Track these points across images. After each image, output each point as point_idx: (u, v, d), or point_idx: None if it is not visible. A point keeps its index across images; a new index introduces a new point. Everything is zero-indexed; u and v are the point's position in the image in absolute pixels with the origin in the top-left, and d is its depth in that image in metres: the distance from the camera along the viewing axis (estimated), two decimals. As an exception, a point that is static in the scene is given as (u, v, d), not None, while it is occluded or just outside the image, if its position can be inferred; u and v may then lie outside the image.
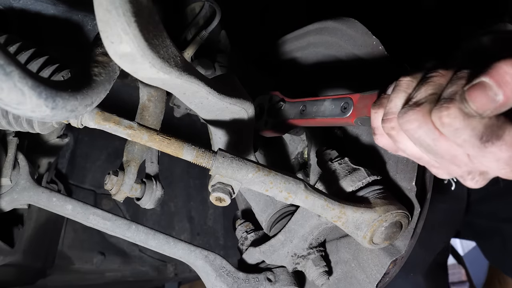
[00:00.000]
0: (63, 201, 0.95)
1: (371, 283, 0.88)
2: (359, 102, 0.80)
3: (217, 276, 0.91)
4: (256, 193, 1.05)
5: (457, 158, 0.55)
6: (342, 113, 0.84)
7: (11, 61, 0.47)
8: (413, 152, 0.62)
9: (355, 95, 0.82)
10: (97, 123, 0.72)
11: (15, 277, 1.72)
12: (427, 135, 0.55)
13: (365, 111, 0.77)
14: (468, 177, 0.58)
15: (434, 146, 0.55)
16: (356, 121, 0.80)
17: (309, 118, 0.95)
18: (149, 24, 0.59)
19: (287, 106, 1.05)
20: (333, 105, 0.87)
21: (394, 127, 0.61)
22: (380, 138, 0.68)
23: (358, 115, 0.79)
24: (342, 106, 0.84)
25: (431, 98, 0.55)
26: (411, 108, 0.56)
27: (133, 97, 2.05)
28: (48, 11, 1.03)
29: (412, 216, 0.85)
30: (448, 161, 0.57)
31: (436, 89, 0.56)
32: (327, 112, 0.89)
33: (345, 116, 0.83)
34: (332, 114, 0.87)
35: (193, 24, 1.31)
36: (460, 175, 0.59)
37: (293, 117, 1.02)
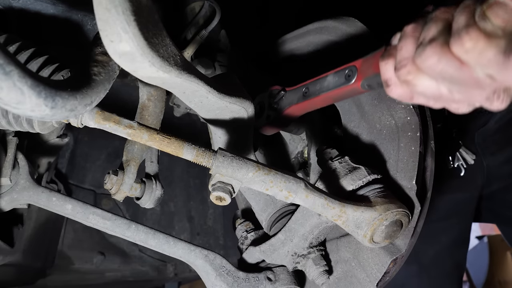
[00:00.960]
0: (63, 201, 0.95)
1: (372, 282, 0.88)
2: (362, 65, 0.78)
3: (217, 276, 0.91)
4: (256, 193, 1.05)
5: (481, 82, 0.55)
6: (347, 81, 0.81)
7: (11, 60, 0.47)
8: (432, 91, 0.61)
9: (357, 61, 0.79)
10: (97, 123, 0.71)
11: (15, 277, 1.72)
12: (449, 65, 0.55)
13: (371, 70, 0.75)
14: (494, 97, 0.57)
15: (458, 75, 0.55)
16: (363, 84, 0.78)
17: (313, 98, 0.92)
18: (148, 23, 0.59)
19: (288, 94, 1.03)
20: (337, 77, 0.84)
21: (410, 71, 0.61)
22: (394, 88, 0.67)
23: (364, 76, 0.77)
24: (346, 75, 0.81)
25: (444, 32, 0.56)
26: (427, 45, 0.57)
27: (133, 97, 2.04)
28: (48, 10, 1.03)
29: (413, 214, 0.85)
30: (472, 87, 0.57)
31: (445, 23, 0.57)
32: (331, 85, 0.86)
33: (350, 83, 0.80)
34: (337, 85, 0.84)
35: (193, 24, 1.31)
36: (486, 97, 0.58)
37: (296, 101, 0.99)
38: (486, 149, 1.72)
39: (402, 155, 0.88)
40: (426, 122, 0.94)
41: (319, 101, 0.92)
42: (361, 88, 0.79)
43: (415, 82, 0.61)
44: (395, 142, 0.91)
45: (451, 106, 0.63)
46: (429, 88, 0.61)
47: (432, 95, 0.62)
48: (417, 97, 0.65)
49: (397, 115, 0.90)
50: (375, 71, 0.73)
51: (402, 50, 0.62)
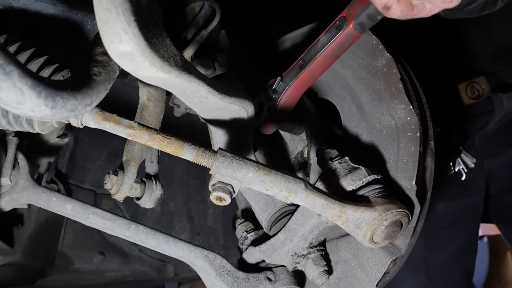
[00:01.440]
0: (63, 201, 0.95)
1: (371, 282, 0.88)
2: (349, 10, 0.80)
3: (217, 276, 0.91)
4: (256, 193, 1.05)
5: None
6: (338, 30, 0.82)
7: (11, 60, 0.47)
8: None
9: (343, 11, 0.81)
10: (97, 123, 0.71)
11: (15, 277, 1.72)
12: None
13: (358, 7, 0.77)
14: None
15: None
16: (355, 25, 0.79)
17: (310, 64, 0.92)
18: (148, 23, 0.59)
19: (284, 78, 1.03)
20: (328, 34, 0.86)
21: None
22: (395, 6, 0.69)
23: (354, 15, 0.78)
24: (336, 26, 0.83)
25: None
26: None
27: (133, 97, 2.04)
28: (48, 10, 1.03)
29: (412, 215, 0.85)
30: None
31: None
32: (325, 43, 0.87)
33: (343, 29, 0.81)
34: (330, 38, 0.85)
35: (193, 24, 1.31)
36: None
37: (294, 77, 0.98)
38: (486, 151, 1.72)
39: (402, 155, 0.88)
40: (426, 123, 0.94)
41: (317, 66, 0.92)
42: (355, 31, 0.80)
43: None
44: (395, 142, 0.91)
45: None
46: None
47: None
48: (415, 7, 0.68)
49: (397, 116, 0.90)
50: (362, 5, 0.75)
51: None
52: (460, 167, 1.70)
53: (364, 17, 0.77)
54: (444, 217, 1.73)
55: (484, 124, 1.69)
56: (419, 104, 0.94)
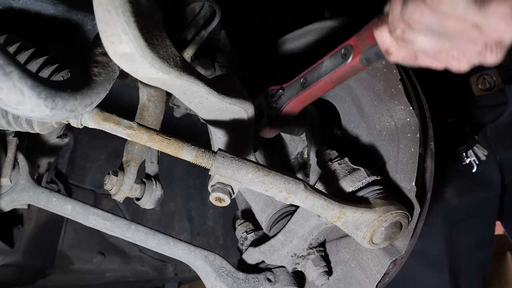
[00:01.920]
0: (63, 201, 0.95)
1: (371, 283, 0.88)
2: (357, 41, 0.77)
3: (217, 276, 0.91)
4: (256, 193, 1.05)
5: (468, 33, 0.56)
6: (344, 59, 0.80)
7: (11, 61, 0.47)
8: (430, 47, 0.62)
9: (351, 39, 0.79)
10: (96, 123, 0.71)
11: (15, 277, 1.72)
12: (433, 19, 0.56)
13: (366, 43, 0.74)
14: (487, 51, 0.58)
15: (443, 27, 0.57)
16: (361, 59, 0.77)
17: (312, 86, 0.91)
18: (148, 24, 0.59)
19: (286, 91, 1.02)
20: (333, 59, 0.84)
21: (404, 29, 0.62)
22: (396, 52, 0.67)
23: (361, 50, 0.76)
24: (342, 54, 0.81)
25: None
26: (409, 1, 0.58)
27: (133, 97, 2.04)
28: (48, 11, 1.03)
29: (412, 216, 0.85)
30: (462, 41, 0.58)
31: None
32: (329, 69, 0.85)
33: (348, 61, 0.79)
34: (335, 66, 0.83)
35: (193, 24, 1.31)
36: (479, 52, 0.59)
37: (295, 94, 0.98)
38: (498, 143, 1.71)
39: (402, 156, 0.88)
40: (426, 124, 0.94)
41: (319, 88, 0.91)
42: (360, 64, 0.78)
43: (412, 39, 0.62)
44: (394, 143, 0.91)
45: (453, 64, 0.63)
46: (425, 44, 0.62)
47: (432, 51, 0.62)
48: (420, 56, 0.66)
49: (397, 116, 0.90)
50: (371, 42, 0.73)
51: (393, 11, 0.63)
52: (472, 159, 1.69)
53: (371, 54, 0.75)
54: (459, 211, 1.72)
55: (497, 116, 1.68)
56: (419, 105, 0.94)
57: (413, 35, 0.62)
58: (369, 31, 0.73)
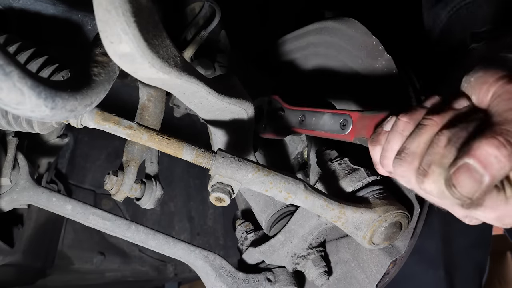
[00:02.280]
0: (63, 201, 0.95)
1: (371, 283, 0.88)
2: (358, 121, 0.80)
3: (216, 276, 0.91)
4: (256, 193, 1.05)
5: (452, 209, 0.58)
6: (341, 129, 0.84)
7: (11, 61, 0.47)
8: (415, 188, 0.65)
9: (354, 113, 0.81)
10: (96, 123, 0.71)
11: (15, 277, 1.72)
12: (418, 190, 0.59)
13: (363, 132, 0.77)
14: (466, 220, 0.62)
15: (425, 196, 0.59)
16: (355, 140, 0.81)
17: (308, 129, 0.95)
18: (148, 24, 0.59)
19: (286, 114, 1.05)
20: (332, 120, 0.87)
21: (391, 171, 0.65)
22: (381, 171, 0.71)
23: (357, 135, 0.80)
24: (341, 123, 0.84)
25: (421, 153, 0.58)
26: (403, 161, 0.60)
27: (133, 97, 2.04)
28: (48, 11, 1.03)
29: (412, 216, 0.85)
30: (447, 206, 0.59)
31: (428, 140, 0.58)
32: (326, 127, 0.89)
33: (344, 134, 0.83)
34: (331, 129, 0.87)
35: (193, 24, 1.31)
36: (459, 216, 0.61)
37: (292, 125, 1.02)
38: None
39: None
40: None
41: (313, 134, 0.95)
42: (353, 141, 0.82)
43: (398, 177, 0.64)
44: (395, 143, 0.91)
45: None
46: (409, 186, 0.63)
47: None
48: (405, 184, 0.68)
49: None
50: (365, 136, 0.76)
51: (389, 144, 0.65)
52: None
53: (364, 143, 0.78)
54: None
55: None
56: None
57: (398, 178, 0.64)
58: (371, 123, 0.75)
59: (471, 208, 0.51)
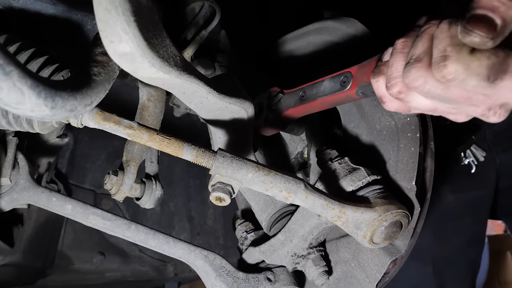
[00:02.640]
0: (62, 201, 0.95)
1: (371, 283, 0.88)
2: (357, 72, 0.79)
3: (217, 276, 0.91)
4: (256, 193, 1.05)
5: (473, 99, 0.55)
6: (342, 87, 0.82)
7: (11, 60, 0.47)
8: (426, 106, 0.62)
9: (352, 68, 0.80)
10: (97, 123, 0.71)
11: (15, 277, 1.72)
12: (436, 88, 0.56)
13: (365, 78, 0.76)
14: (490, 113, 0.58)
15: (446, 95, 0.56)
16: (357, 91, 0.79)
17: (309, 102, 0.94)
18: (148, 23, 0.59)
19: (286, 97, 1.04)
20: (332, 82, 0.86)
21: (400, 90, 0.62)
22: (389, 104, 0.68)
23: (359, 84, 0.78)
24: (341, 81, 0.83)
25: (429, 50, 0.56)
26: (413, 65, 0.57)
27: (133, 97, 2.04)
28: (48, 10, 1.03)
29: (412, 215, 0.85)
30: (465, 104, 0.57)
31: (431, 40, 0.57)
32: (327, 91, 0.87)
33: (345, 89, 0.82)
34: (332, 90, 0.86)
35: (193, 24, 1.31)
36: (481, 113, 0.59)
37: (293, 105, 1.00)
38: (498, 146, 1.71)
39: (402, 156, 0.88)
40: (426, 123, 0.94)
41: (315, 105, 0.93)
42: (356, 96, 0.80)
43: (408, 99, 0.62)
44: (395, 143, 0.91)
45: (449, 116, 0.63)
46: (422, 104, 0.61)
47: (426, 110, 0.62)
48: (413, 110, 0.66)
49: (397, 116, 0.90)
50: (368, 80, 0.74)
51: (392, 68, 0.63)
52: (470, 160, 1.69)
53: (367, 90, 0.77)
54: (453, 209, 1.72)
55: None
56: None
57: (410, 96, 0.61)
58: (370, 66, 0.74)
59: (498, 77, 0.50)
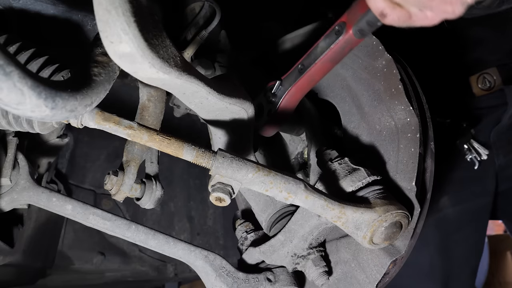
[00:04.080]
0: (63, 201, 0.95)
1: (371, 283, 0.88)
2: (348, 15, 0.79)
3: (217, 276, 0.91)
4: (256, 193, 1.05)
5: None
6: (338, 36, 0.81)
7: (11, 61, 0.47)
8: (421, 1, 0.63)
9: (343, 16, 0.80)
10: (97, 123, 0.71)
11: (15, 277, 1.72)
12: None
13: (358, 13, 0.76)
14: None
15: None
16: (355, 31, 0.78)
17: (309, 69, 0.92)
18: (148, 24, 0.59)
19: (284, 81, 1.02)
20: (327, 39, 0.85)
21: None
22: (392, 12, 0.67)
23: (354, 22, 0.77)
24: (335, 31, 0.82)
25: None
26: None
27: (133, 97, 2.04)
28: (48, 11, 1.03)
29: (412, 216, 0.85)
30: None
31: None
32: (324, 48, 0.86)
33: (342, 35, 0.81)
34: (329, 44, 0.84)
35: (193, 24, 1.31)
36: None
37: (294, 81, 0.98)
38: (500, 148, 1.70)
39: (402, 156, 0.88)
40: (426, 124, 0.94)
41: (317, 71, 0.91)
42: (355, 37, 0.79)
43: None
44: (394, 143, 0.91)
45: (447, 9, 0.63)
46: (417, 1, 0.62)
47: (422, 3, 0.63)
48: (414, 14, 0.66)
49: (397, 116, 0.90)
50: (362, 11, 0.74)
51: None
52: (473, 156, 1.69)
53: (363, 24, 0.76)
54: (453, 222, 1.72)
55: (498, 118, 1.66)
56: (419, 105, 0.94)
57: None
58: (359, 3, 0.74)
59: None
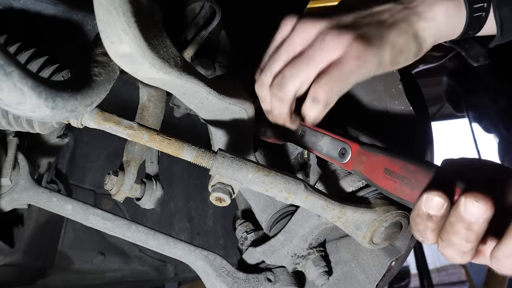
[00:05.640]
0: (63, 201, 0.95)
1: (371, 283, 0.88)
2: (356, 154, 0.80)
3: (217, 276, 0.91)
4: (256, 193, 1.05)
5: None
6: (339, 157, 0.84)
7: (11, 61, 0.47)
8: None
9: (354, 144, 0.81)
10: (97, 123, 0.72)
11: (15, 277, 1.72)
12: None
13: (360, 168, 0.78)
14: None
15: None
16: (352, 171, 0.81)
17: (308, 146, 0.94)
18: (149, 24, 0.59)
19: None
20: (332, 145, 0.87)
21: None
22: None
23: (354, 167, 0.80)
24: (340, 151, 0.84)
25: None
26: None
27: (133, 97, 2.04)
28: (48, 11, 1.03)
29: (412, 216, 0.85)
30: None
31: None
32: (324, 150, 0.89)
33: (342, 162, 0.83)
34: (330, 154, 0.87)
35: (193, 24, 1.31)
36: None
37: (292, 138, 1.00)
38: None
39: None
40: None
41: (313, 152, 0.94)
42: (351, 172, 0.82)
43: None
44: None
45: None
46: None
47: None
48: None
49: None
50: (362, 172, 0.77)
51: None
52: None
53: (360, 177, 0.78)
54: None
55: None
56: (419, 105, 0.94)
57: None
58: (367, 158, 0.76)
59: None
